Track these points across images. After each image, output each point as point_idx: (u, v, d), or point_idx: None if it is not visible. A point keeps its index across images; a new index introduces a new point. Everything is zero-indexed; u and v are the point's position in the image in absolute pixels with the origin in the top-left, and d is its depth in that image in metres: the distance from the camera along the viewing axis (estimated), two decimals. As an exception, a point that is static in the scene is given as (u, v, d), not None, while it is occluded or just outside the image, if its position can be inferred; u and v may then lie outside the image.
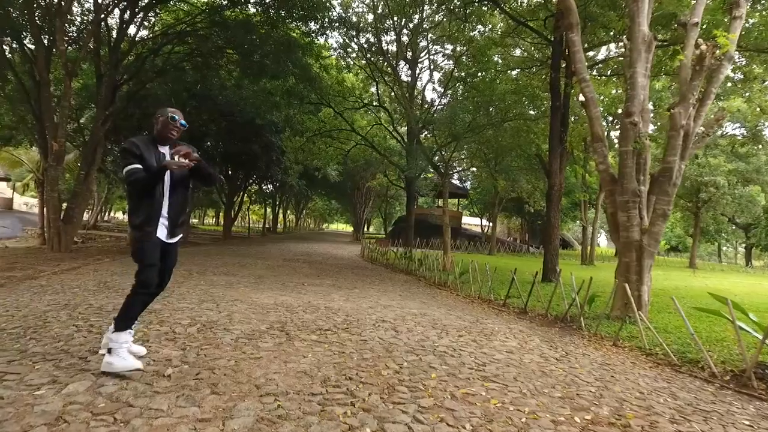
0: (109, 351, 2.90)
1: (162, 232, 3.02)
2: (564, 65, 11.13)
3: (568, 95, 11.37)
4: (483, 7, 13.74)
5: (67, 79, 11.02)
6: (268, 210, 43.24)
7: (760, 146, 21.58)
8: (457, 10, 14.14)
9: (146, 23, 14.90)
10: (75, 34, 12.97)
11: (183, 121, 3.21)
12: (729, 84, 12.48)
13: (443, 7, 14.49)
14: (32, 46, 11.91)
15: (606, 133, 6.47)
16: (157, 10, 15.14)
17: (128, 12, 13.17)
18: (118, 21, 13.45)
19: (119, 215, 60.66)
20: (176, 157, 2.94)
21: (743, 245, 44.67)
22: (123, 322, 2.97)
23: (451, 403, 2.80)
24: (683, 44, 6.10)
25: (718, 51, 5.71)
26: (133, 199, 3.02)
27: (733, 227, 39.12)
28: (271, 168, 21.28)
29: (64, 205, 12.40)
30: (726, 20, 8.41)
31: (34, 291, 5.95)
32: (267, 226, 42.24)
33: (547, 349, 4.65)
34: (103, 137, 12.73)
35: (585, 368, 3.98)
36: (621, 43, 10.26)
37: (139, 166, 2.89)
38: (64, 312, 4.59)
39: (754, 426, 2.96)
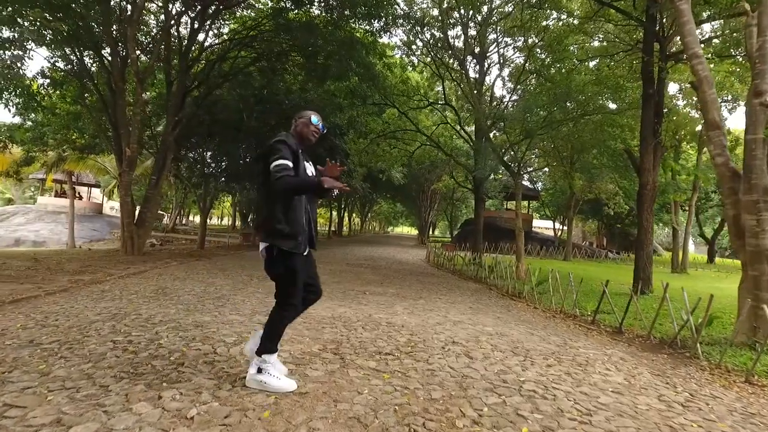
0: (259, 371, 2.81)
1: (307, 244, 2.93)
2: (658, 48, 9.76)
3: (663, 81, 9.97)
4: (560, -9, 12.53)
5: (138, 87, 11.29)
6: (334, 213, 43.59)
7: None
8: (530, -4, 13.04)
9: (214, 30, 15.16)
10: (147, 43, 13.36)
11: (322, 125, 3.08)
12: None
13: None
14: (109, 57, 12.40)
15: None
16: (226, 17, 15.36)
17: (198, 20, 13.43)
18: (189, 28, 13.78)
19: (197, 219, 64.28)
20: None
21: None
22: (270, 343, 2.86)
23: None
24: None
25: None
26: (278, 203, 2.75)
27: None
28: (336, 171, 21.06)
29: (138, 209, 12.82)
30: None
31: (93, 297, 5.82)
32: (333, 229, 42.61)
33: (664, 387, 3.68)
34: (173, 143, 12.99)
35: (725, 421, 3.01)
36: (735, 19, 8.79)
37: (291, 164, 2.68)
38: (109, 323, 4.29)
39: None
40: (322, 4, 14.37)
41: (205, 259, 12.42)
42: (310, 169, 2.95)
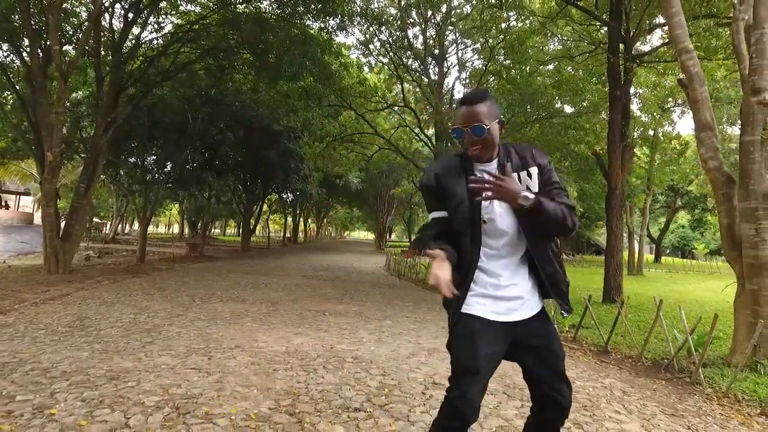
0: None
1: None
2: (623, 48, 9.51)
3: (630, 82, 9.75)
4: (521, -10, 12.20)
5: (61, 82, 9.92)
6: (288, 219, 42.19)
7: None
8: (490, -6, 12.64)
9: (152, 24, 13.84)
10: (73, 34, 11.93)
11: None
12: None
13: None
14: (28, 49, 10.93)
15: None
16: (166, 11, 14.07)
17: (132, 11, 12.14)
18: (121, 20, 12.45)
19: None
20: None
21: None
22: None
23: None
24: None
25: None
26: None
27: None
28: (290, 176, 20.04)
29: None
30: None
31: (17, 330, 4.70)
32: (287, 236, 41.20)
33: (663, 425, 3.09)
34: (104, 146, 11.61)
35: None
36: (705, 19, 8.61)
37: None
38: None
39: None
40: (272, -1, 13.44)
41: (143, 276, 11.15)
42: None
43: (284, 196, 31.34)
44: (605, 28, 10.63)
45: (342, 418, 2.92)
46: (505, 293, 1.72)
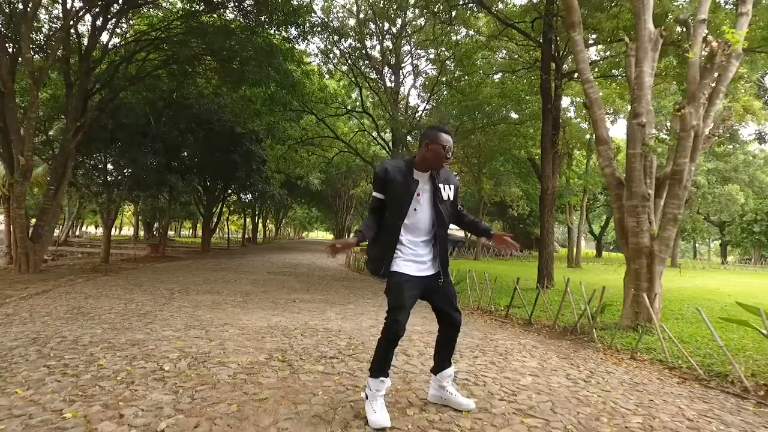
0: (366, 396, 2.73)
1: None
2: (554, 67, 10.95)
3: (560, 97, 11.21)
4: (468, 11, 13.51)
5: (33, 89, 10.33)
6: (248, 220, 42.30)
7: (737, 145, 22.00)
8: (441, 13, 13.88)
9: (119, 30, 14.22)
10: (42, 41, 12.23)
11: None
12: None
13: (427, 10, 14.22)
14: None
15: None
16: (131, 17, 14.48)
17: (100, 18, 12.54)
18: (89, 27, 12.81)
19: (91, 229, 58.69)
20: None
21: (719, 243, 45.72)
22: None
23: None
24: (691, 42, 5.89)
25: (729, 48, 5.53)
26: None
27: (707, 225, 39.91)
28: (252, 177, 20.66)
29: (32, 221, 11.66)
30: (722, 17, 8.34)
31: (7, 320, 5.36)
32: (247, 236, 41.32)
33: (570, 368, 4.31)
34: (74, 150, 12.01)
35: (618, 391, 3.65)
36: (616, 43, 10.14)
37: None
38: (32, 348, 4.06)
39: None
40: (237, 9, 14.13)
41: (114, 274, 11.64)
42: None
43: (242, 197, 31.72)
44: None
45: (321, 362, 3.94)
46: (421, 259, 2.79)
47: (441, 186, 2.79)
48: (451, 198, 2.85)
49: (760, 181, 26.31)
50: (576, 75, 9.76)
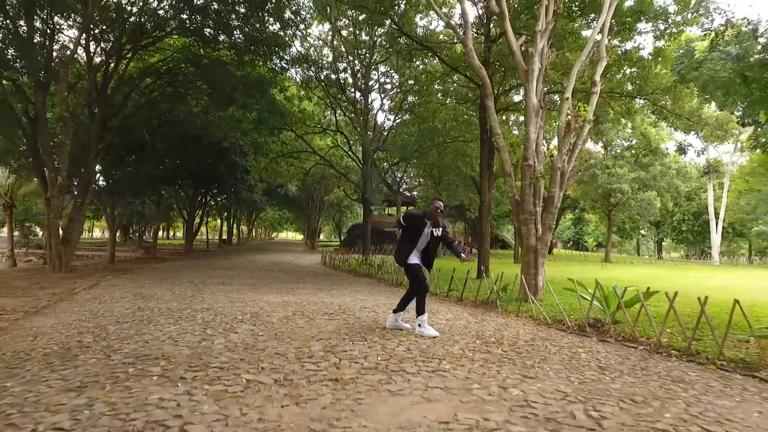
0: (419, 325, 5.77)
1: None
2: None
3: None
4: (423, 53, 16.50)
5: (69, 120, 12.66)
6: (222, 222, 44.30)
7: (656, 157, 26.06)
8: (403, 52, 16.83)
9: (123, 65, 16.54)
10: (74, 82, 14.49)
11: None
12: (615, 115, 15.99)
13: (391, 49, 17.13)
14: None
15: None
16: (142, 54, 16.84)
17: (114, 60, 14.88)
18: (104, 60, 15.09)
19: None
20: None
21: (655, 241, 50.84)
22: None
23: (421, 340, 5.31)
24: (559, 112, 8.99)
25: (580, 118, 8.64)
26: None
27: (643, 224, 44.55)
28: (237, 186, 23.13)
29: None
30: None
31: (99, 300, 7.91)
32: (223, 238, 43.34)
33: (470, 318, 7.29)
34: (95, 169, 14.33)
35: (490, 325, 6.63)
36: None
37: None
38: (146, 313, 6.71)
39: (584, 347, 5.65)
40: (230, 44, 16.64)
41: (130, 273, 13.96)
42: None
43: (220, 201, 33.89)
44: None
45: (325, 316, 6.76)
46: (420, 257, 5.91)
47: (434, 229, 5.89)
48: (439, 235, 5.94)
49: (676, 188, 30.69)
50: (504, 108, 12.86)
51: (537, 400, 3.41)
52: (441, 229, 5.91)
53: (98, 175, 19.49)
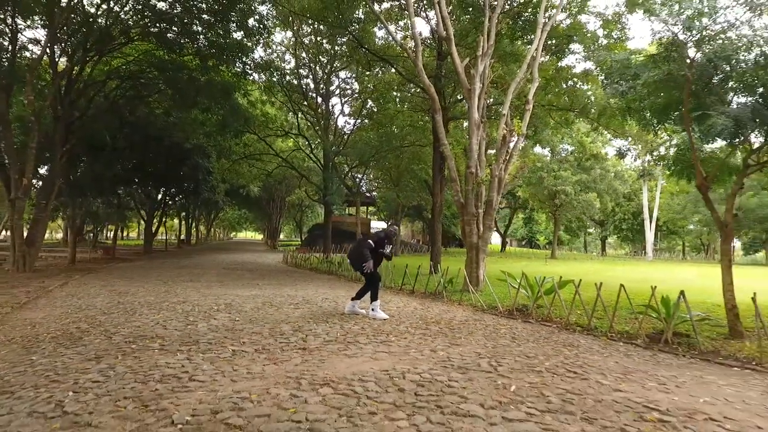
0: (373, 310, 6.87)
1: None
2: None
3: (445, 136, 15.60)
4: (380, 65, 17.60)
5: (35, 124, 12.95)
6: (180, 222, 43.88)
7: (596, 160, 28.34)
8: (363, 62, 17.86)
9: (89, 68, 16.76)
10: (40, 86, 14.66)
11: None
12: (555, 125, 17.63)
13: (350, 59, 18.12)
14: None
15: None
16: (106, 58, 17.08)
17: (78, 66, 15.13)
18: (68, 65, 15.30)
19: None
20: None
21: (600, 238, 54.26)
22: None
23: (376, 322, 6.37)
24: (498, 126, 10.28)
25: (514, 133, 9.96)
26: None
27: (592, 223, 47.56)
28: (199, 187, 23.47)
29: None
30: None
31: (76, 297, 8.52)
32: (182, 238, 42.98)
33: (418, 305, 8.44)
34: (59, 171, 14.59)
35: (434, 311, 7.79)
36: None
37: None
38: (129, 307, 7.45)
39: (506, 326, 6.86)
40: (194, 50, 17.14)
41: (95, 272, 14.36)
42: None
43: (178, 201, 33.82)
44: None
45: (291, 305, 7.71)
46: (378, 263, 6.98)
47: (388, 247, 7.12)
48: (389, 251, 7.21)
49: (614, 189, 33.33)
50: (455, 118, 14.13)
51: (456, 357, 4.54)
52: (391, 246, 7.49)
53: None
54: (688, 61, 6.18)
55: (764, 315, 5.12)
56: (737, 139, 5.76)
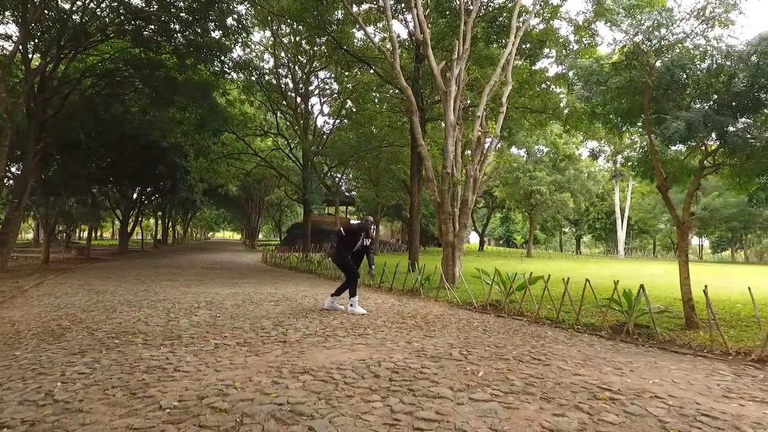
0: (351, 305, 7.02)
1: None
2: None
3: (423, 137, 15.90)
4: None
5: (8, 121, 12.74)
6: (157, 221, 43.25)
7: (570, 161, 29.13)
8: (342, 63, 18.03)
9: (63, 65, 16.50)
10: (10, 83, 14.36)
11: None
12: (530, 125, 18.11)
13: (329, 60, 18.27)
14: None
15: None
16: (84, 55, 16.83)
17: (52, 64, 14.91)
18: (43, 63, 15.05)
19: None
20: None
21: (575, 237, 55.59)
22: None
23: (360, 314, 6.59)
24: (473, 128, 10.61)
25: (488, 135, 10.29)
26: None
27: (567, 222, 48.65)
28: (176, 186, 23.28)
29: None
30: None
31: (53, 296, 8.51)
32: (158, 238, 42.36)
33: (396, 302, 8.69)
34: (33, 169, 14.36)
35: (411, 306, 8.05)
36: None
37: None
38: (108, 305, 7.50)
39: (479, 320, 7.15)
40: (172, 49, 17.04)
41: (72, 272, 14.21)
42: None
43: (154, 200, 33.40)
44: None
45: (271, 302, 7.87)
46: (352, 257, 7.23)
47: (365, 239, 7.24)
48: (367, 244, 7.34)
49: (588, 189, 34.32)
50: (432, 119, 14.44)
51: (430, 348, 4.80)
52: (370, 240, 7.51)
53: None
54: (648, 68, 6.58)
55: (717, 308, 5.54)
56: (690, 142, 6.17)
